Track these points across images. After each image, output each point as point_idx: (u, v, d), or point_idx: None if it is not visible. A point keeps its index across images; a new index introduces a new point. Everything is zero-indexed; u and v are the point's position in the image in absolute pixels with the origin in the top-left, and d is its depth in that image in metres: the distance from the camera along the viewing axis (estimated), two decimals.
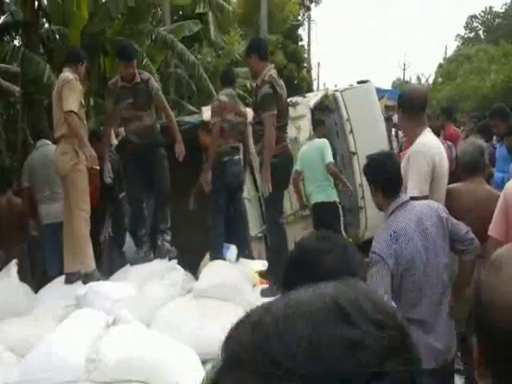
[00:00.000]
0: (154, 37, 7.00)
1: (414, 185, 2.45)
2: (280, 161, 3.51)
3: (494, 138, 5.00)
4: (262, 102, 3.52)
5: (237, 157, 3.97)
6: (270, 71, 3.56)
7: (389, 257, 2.05)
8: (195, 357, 2.63)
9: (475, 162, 2.99)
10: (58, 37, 6.38)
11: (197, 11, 9.73)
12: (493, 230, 2.25)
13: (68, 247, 3.69)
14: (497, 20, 38.63)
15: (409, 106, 2.68)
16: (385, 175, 2.22)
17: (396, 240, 2.09)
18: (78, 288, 3.38)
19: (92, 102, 6.43)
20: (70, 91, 3.53)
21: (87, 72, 6.52)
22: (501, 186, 3.51)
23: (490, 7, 39.17)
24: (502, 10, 37.97)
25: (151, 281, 3.47)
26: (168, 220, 4.18)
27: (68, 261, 3.68)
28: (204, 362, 2.73)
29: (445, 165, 2.61)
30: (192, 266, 4.13)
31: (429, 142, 2.59)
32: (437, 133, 5.31)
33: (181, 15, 10.07)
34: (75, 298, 3.23)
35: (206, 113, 5.17)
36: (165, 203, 4.20)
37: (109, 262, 4.60)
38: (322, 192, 5.00)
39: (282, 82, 3.67)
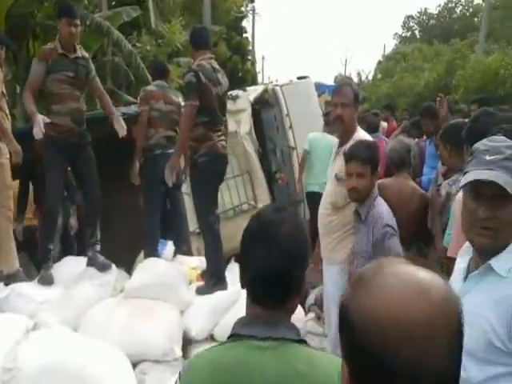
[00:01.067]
0: (88, 23, 6.65)
1: None
2: (208, 160, 3.33)
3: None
4: (184, 91, 3.39)
5: (171, 150, 3.73)
6: (203, 60, 3.36)
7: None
8: (125, 359, 2.54)
9: (402, 158, 3.16)
10: None
11: None
12: (452, 250, 2.09)
13: None
14: (431, 21, 40.66)
15: (358, 99, 2.82)
16: None
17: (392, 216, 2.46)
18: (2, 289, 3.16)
19: (18, 90, 6.01)
20: None
21: (13, 57, 6.09)
22: (427, 184, 3.69)
23: (425, 8, 41.18)
24: (436, 12, 40.08)
25: (80, 281, 3.31)
26: (97, 234, 3.81)
27: None
28: (135, 364, 2.66)
29: None
30: (127, 264, 4.00)
31: (369, 137, 2.78)
32: (375, 128, 5.53)
33: (119, 1, 9.65)
34: None
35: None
36: (95, 216, 3.73)
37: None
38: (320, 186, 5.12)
39: (219, 76, 3.45)
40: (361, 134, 2.78)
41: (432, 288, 0.61)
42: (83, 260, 3.55)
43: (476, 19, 27.81)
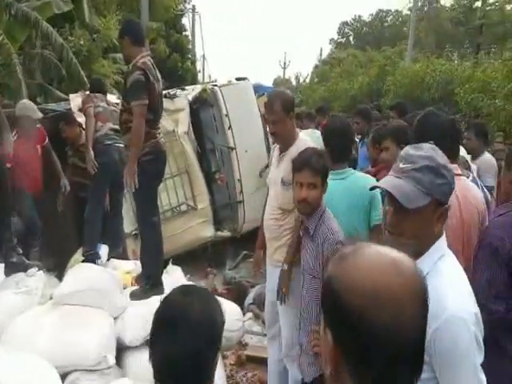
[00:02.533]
0: (13, 12, 6.21)
1: None
2: (151, 158, 3.24)
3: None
4: (131, 89, 3.20)
5: (121, 144, 3.67)
6: (145, 58, 3.24)
7: None
8: (52, 370, 2.40)
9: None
10: None
11: None
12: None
13: None
14: (364, 28, 42.49)
15: (292, 106, 2.77)
16: None
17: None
18: None
19: None
20: None
21: None
22: None
23: (359, 16, 42.98)
24: (369, 20, 41.94)
25: (4, 289, 3.09)
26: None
27: None
28: (64, 375, 2.53)
29: None
30: (59, 269, 3.80)
31: (311, 143, 2.71)
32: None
33: None
34: None
35: (75, 100, 4.78)
36: (8, 218, 3.47)
37: None
38: None
39: (157, 73, 3.35)
40: (302, 141, 2.75)
41: (404, 264, 0.72)
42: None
43: (405, 28, 29.42)
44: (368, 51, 24.10)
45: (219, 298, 3.39)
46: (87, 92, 4.36)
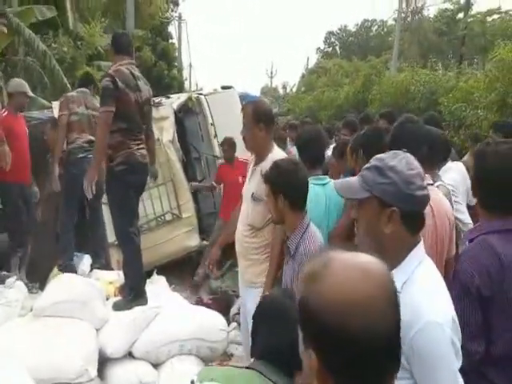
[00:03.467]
0: None
1: None
2: (124, 168, 3.20)
3: None
4: (100, 97, 3.25)
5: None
6: (121, 66, 3.23)
7: None
8: None
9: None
10: None
11: None
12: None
13: None
14: (350, 38, 43.04)
15: (269, 120, 2.63)
16: None
17: None
18: None
19: None
20: None
21: None
22: None
23: (345, 26, 43.52)
24: (355, 30, 42.50)
25: None
26: None
27: None
28: None
29: None
30: (40, 281, 3.73)
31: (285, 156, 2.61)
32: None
33: None
34: None
35: (58, 108, 4.74)
36: None
37: None
38: None
39: (139, 83, 3.31)
40: (275, 155, 2.60)
41: (372, 269, 0.75)
42: None
43: (390, 38, 29.89)
44: (354, 61, 24.40)
45: (204, 309, 3.33)
46: (69, 93, 4.21)
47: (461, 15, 19.61)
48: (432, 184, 2.06)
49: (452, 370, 1.20)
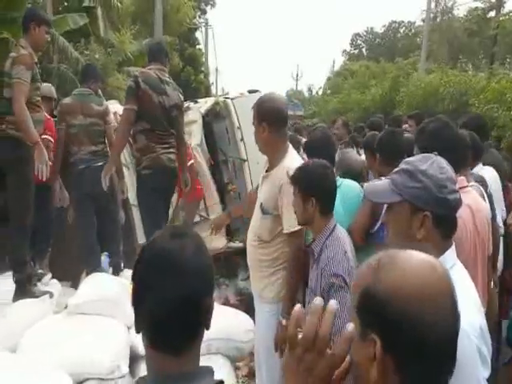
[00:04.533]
0: None
1: (293, 219, 2.25)
2: (151, 172, 3.29)
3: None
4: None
5: (99, 163, 3.62)
6: (146, 70, 3.40)
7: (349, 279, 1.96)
8: (67, 379, 2.42)
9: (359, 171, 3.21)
10: None
11: (84, 4, 9.16)
12: None
13: None
14: (377, 40, 42.56)
15: (276, 119, 2.38)
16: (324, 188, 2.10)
17: (348, 260, 2.03)
18: None
19: None
20: None
21: None
22: None
23: (371, 28, 43.09)
24: (382, 31, 42.02)
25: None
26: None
27: None
28: (79, 383, 2.55)
29: None
30: (73, 278, 3.84)
31: (298, 163, 2.34)
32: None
33: (65, 7, 9.39)
34: None
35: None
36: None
37: None
38: None
39: (166, 87, 3.41)
40: (287, 162, 2.37)
41: (436, 265, 0.79)
42: None
43: (418, 39, 29.38)
44: (381, 62, 24.09)
45: (232, 309, 3.33)
46: (65, 100, 3.88)
47: (492, 14, 19.09)
48: (466, 186, 2.02)
49: (476, 379, 1.17)
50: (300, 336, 0.72)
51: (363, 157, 3.42)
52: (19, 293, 3.13)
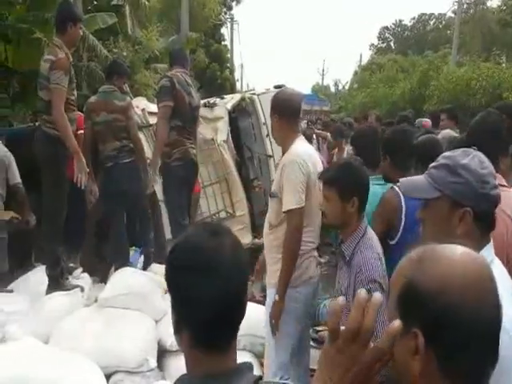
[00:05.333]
0: None
1: (291, 197, 2.31)
2: (181, 164, 3.53)
3: None
4: (157, 95, 3.66)
5: (125, 160, 3.67)
6: (177, 72, 3.65)
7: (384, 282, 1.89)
8: (98, 371, 2.48)
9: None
10: None
11: (113, 3, 9.31)
12: None
13: None
14: (406, 33, 41.69)
15: (286, 112, 2.45)
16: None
17: (381, 263, 1.96)
18: None
19: None
20: None
21: None
22: None
23: (400, 20, 42.20)
24: (411, 24, 41.13)
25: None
26: None
27: None
28: (109, 376, 2.60)
29: (317, 171, 2.41)
30: (102, 273, 3.92)
31: (302, 150, 2.41)
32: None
33: (95, 6, 9.56)
34: None
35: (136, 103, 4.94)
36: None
37: None
38: None
39: (191, 89, 3.69)
40: (292, 148, 2.42)
41: (478, 258, 0.78)
42: None
43: (449, 32, 28.61)
44: (409, 56, 23.61)
45: (257, 305, 3.32)
46: (91, 99, 3.95)
47: None
48: (504, 185, 1.95)
49: None
50: (342, 328, 0.71)
51: None
52: (52, 286, 3.22)
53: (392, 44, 42.49)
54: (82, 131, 3.79)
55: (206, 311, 0.87)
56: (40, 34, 5.82)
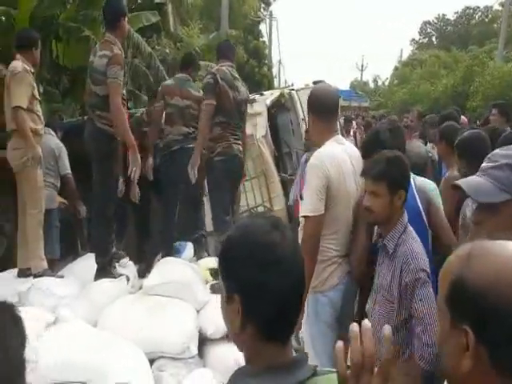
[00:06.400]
0: None
1: (307, 203, 2.24)
2: (224, 159, 3.50)
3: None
4: (203, 92, 3.65)
5: (190, 145, 3.74)
6: (222, 67, 3.61)
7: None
8: (143, 355, 2.58)
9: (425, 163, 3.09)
10: (3, 19, 6.01)
11: (156, 1, 9.51)
12: None
13: (22, 243, 3.53)
14: (449, 27, 40.34)
15: (321, 109, 2.36)
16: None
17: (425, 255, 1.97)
18: (24, 283, 3.24)
19: (42, 90, 6.15)
20: (17, 85, 3.33)
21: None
22: None
23: (443, 15, 40.88)
24: (454, 18, 39.75)
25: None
26: None
27: (21, 256, 3.53)
28: (152, 361, 2.70)
29: (346, 177, 2.30)
30: (147, 261, 4.04)
31: (324, 153, 2.28)
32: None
33: (139, 4, 9.80)
34: (17, 295, 3.08)
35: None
36: None
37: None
38: None
39: (236, 83, 3.65)
40: (321, 150, 2.31)
41: None
42: None
43: (495, 25, 27.46)
44: (452, 51, 22.83)
45: None
46: (166, 82, 4.16)
47: None
48: None
49: None
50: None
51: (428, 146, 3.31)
52: (100, 273, 3.37)
53: (434, 39, 41.25)
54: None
55: (273, 305, 0.88)
56: (88, 31, 6.04)
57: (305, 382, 0.88)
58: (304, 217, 2.26)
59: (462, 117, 5.81)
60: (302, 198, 2.50)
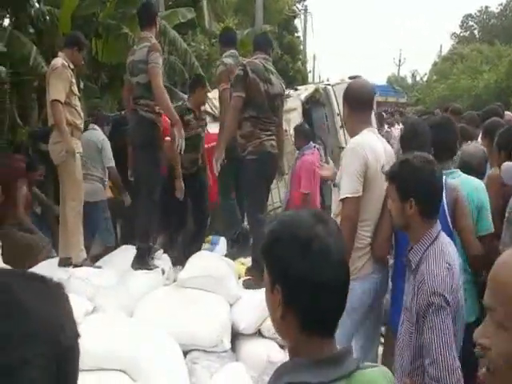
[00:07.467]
0: None
1: (346, 185, 2.24)
2: (255, 158, 3.39)
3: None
4: (232, 84, 3.58)
5: None
6: (256, 60, 3.51)
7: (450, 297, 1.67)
8: (177, 347, 2.62)
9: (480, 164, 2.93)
10: (48, 18, 6.22)
11: None
12: None
13: (63, 233, 3.65)
14: (492, 20, 38.78)
15: (356, 103, 2.40)
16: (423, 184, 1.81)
17: (452, 275, 1.72)
18: (64, 272, 3.34)
19: (82, 86, 6.34)
20: (55, 80, 3.45)
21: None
22: None
23: (486, 7, 39.33)
24: (498, 11, 38.16)
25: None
26: None
27: (62, 245, 3.65)
28: (186, 353, 2.73)
29: (379, 167, 2.29)
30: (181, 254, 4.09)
31: (363, 139, 2.32)
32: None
33: (175, 1, 9.93)
34: None
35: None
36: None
37: None
38: None
39: (271, 76, 3.49)
40: (357, 137, 2.35)
41: None
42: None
43: None
44: (496, 45, 21.91)
45: None
46: (225, 59, 4.04)
47: None
48: None
49: None
50: None
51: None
52: (137, 262, 3.44)
53: (476, 33, 39.74)
54: (168, 138, 3.82)
55: (315, 297, 0.89)
56: (126, 29, 6.18)
57: (350, 375, 0.88)
58: (342, 200, 2.26)
59: (507, 112, 5.56)
60: (335, 186, 2.49)
